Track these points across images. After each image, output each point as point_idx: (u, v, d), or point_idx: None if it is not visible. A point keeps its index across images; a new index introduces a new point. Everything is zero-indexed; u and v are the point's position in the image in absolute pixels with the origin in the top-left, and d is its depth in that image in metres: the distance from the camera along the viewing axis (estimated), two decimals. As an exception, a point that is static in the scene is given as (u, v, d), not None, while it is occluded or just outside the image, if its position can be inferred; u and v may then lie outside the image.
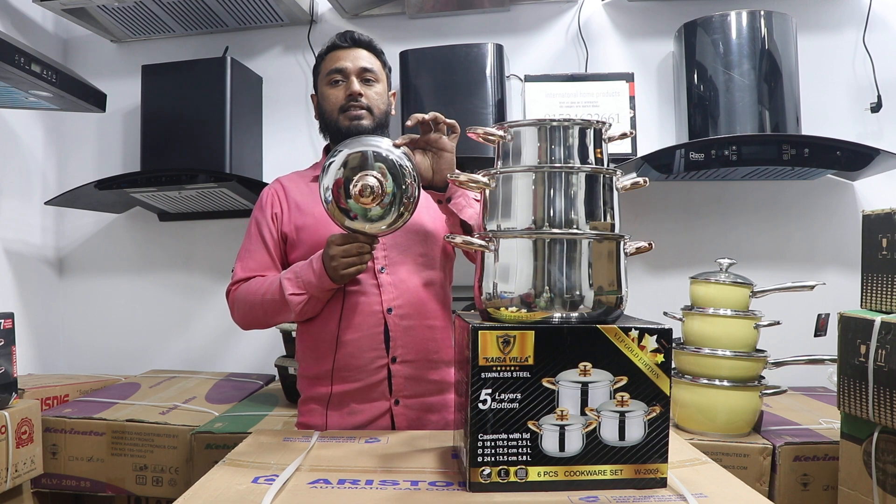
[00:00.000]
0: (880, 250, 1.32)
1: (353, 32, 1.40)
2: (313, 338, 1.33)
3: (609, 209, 0.94)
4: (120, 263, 2.51)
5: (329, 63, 1.39)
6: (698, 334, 1.56)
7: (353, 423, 1.29)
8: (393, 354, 1.28)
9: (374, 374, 1.28)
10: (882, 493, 1.23)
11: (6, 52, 1.55)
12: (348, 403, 1.30)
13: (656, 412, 0.89)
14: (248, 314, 1.32)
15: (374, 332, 1.28)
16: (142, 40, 2.48)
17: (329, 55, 1.40)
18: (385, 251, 1.31)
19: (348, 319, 1.28)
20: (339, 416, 1.30)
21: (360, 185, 1.10)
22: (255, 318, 1.32)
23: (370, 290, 1.29)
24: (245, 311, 1.33)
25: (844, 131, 2.07)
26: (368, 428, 1.28)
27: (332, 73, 1.37)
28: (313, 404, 1.34)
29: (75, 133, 2.51)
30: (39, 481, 1.72)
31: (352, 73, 1.36)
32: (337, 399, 1.30)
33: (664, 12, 2.22)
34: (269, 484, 0.90)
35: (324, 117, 1.40)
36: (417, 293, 1.31)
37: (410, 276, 1.31)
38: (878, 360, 1.21)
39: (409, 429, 1.28)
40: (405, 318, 1.29)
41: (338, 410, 1.30)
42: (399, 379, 1.28)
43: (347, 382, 1.29)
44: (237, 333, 2.44)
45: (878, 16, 2.13)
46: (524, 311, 0.91)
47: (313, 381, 1.34)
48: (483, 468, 0.88)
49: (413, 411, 1.29)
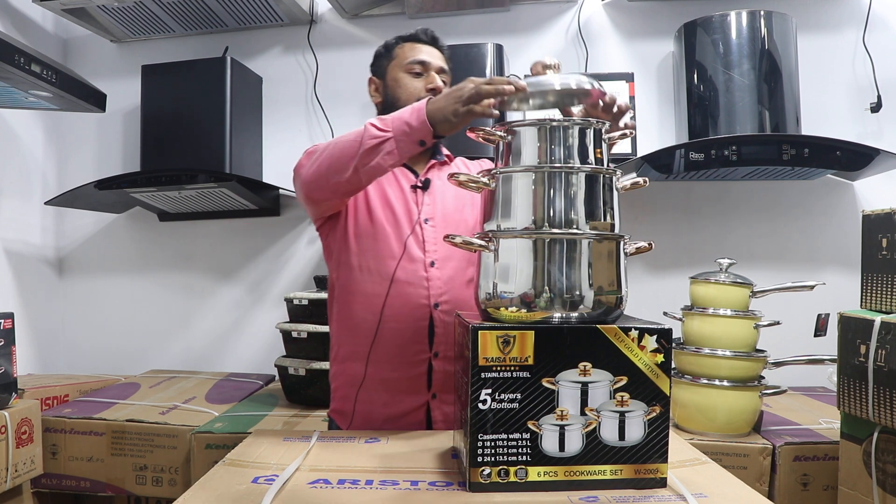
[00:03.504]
0: (880, 250, 1.31)
1: (433, 31, 1.42)
2: (353, 319, 1.31)
3: (609, 209, 0.94)
4: (120, 263, 2.51)
5: (410, 52, 1.39)
6: (698, 334, 1.56)
7: (388, 414, 1.29)
8: (435, 350, 1.27)
9: (415, 367, 1.28)
10: (882, 493, 1.23)
11: (6, 52, 1.55)
12: (383, 392, 1.29)
13: (656, 412, 0.89)
14: (319, 158, 1.22)
15: (418, 325, 1.27)
16: (142, 40, 2.48)
17: (409, 45, 1.40)
18: (436, 245, 1.30)
19: (393, 308, 1.27)
20: (373, 406, 1.30)
21: None
22: (321, 165, 1.21)
23: (419, 283, 1.27)
24: (318, 157, 1.23)
25: (844, 131, 2.07)
26: (402, 420, 1.28)
27: (415, 63, 1.37)
28: (346, 389, 1.34)
29: (75, 133, 2.52)
30: (39, 481, 1.72)
31: (433, 69, 1.38)
32: (370, 384, 1.29)
33: (664, 12, 2.22)
34: (269, 484, 0.90)
35: (396, 103, 1.35)
36: (462, 290, 1.30)
37: (458, 273, 1.31)
38: (878, 360, 1.21)
39: (445, 423, 1.27)
40: (450, 315, 1.28)
41: (370, 397, 1.30)
42: (439, 374, 1.28)
43: (385, 369, 1.28)
44: (237, 333, 2.44)
45: (878, 16, 2.13)
46: (524, 311, 0.91)
47: (346, 361, 1.33)
48: (483, 468, 0.88)
49: (450, 406, 1.29)
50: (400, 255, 1.28)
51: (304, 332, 1.91)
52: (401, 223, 1.30)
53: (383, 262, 1.28)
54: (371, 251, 1.30)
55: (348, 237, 1.33)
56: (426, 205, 1.32)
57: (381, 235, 1.30)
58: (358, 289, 1.30)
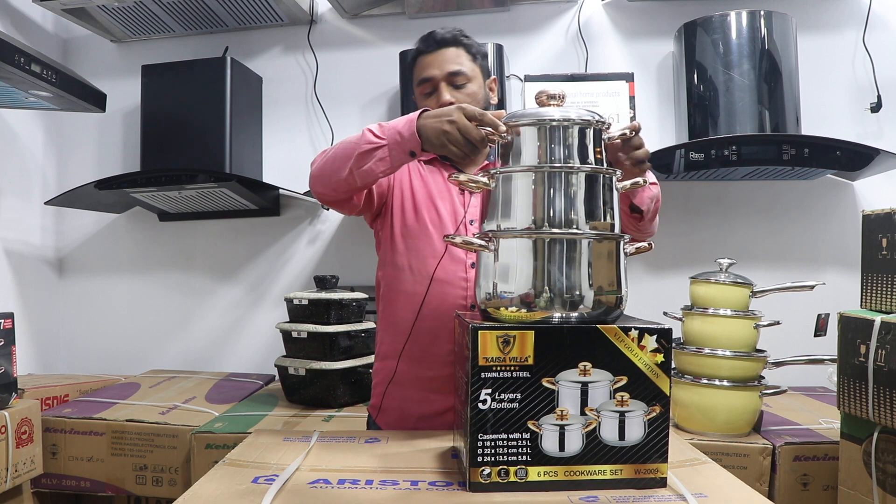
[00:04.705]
0: (880, 250, 1.31)
1: (435, 33, 1.32)
2: (393, 317, 1.32)
3: (609, 209, 0.94)
4: (120, 263, 2.52)
5: (418, 72, 1.34)
6: (698, 334, 1.56)
7: (421, 413, 1.29)
8: None
9: (447, 367, 1.25)
10: (882, 493, 1.23)
11: (6, 52, 1.55)
12: (417, 390, 1.29)
13: (656, 412, 0.89)
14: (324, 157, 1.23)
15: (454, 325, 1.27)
16: (142, 40, 2.48)
17: (417, 63, 1.34)
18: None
19: (431, 307, 1.26)
20: (403, 402, 1.31)
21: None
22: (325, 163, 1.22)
23: (458, 283, 1.27)
24: (324, 155, 1.24)
25: (844, 131, 2.07)
26: (437, 420, 1.27)
27: (422, 83, 1.33)
28: (380, 386, 1.35)
29: (75, 133, 2.52)
30: (39, 481, 1.72)
31: (440, 81, 1.30)
32: (400, 379, 1.30)
33: (664, 12, 2.22)
34: (269, 484, 0.90)
35: None
36: None
37: None
38: (877, 360, 1.21)
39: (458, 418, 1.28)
40: None
41: (400, 394, 1.31)
42: None
43: (417, 368, 1.29)
44: (237, 333, 2.44)
45: (878, 16, 2.13)
46: (524, 311, 0.91)
47: (384, 358, 1.35)
48: (483, 468, 0.88)
49: None
50: (441, 254, 1.27)
51: (304, 332, 1.91)
52: (445, 223, 1.30)
53: (425, 262, 1.28)
54: (414, 250, 1.30)
55: (394, 236, 1.33)
56: (472, 206, 1.32)
57: (424, 235, 1.30)
58: (400, 287, 1.31)
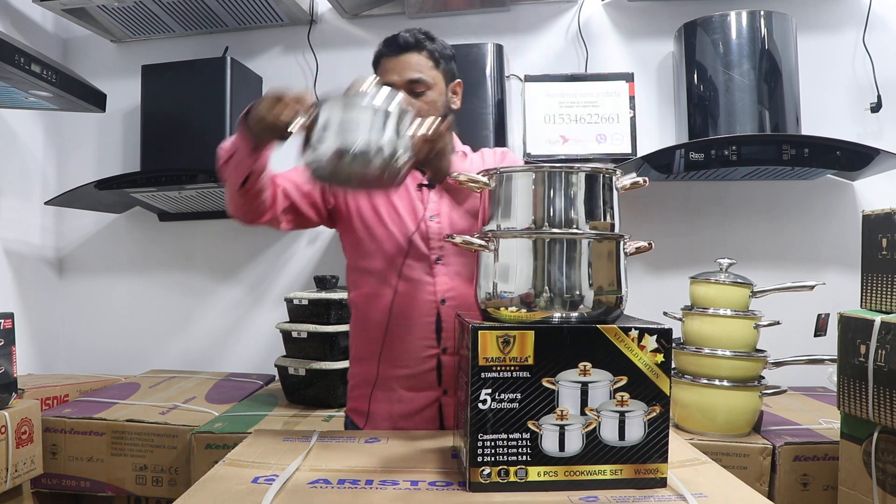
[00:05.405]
0: (880, 250, 1.31)
1: (398, 36, 1.28)
2: (365, 320, 1.33)
3: (609, 209, 0.94)
4: (120, 263, 2.51)
5: (380, 74, 1.30)
6: (698, 334, 1.56)
7: (401, 412, 1.29)
8: (444, 345, 1.28)
9: (424, 363, 1.28)
10: (882, 493, 1.23)
11: (6, 52, 1.55)
12: (396, 390, 1.30)
13: (656, 412, 0.89)
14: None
15: (426, 321, 1.28)
16: (142, 40, 2.48)
17: (380, 65, 1.31)
18: (441, 241, 1.29)
19: (401, 306, 1.28)
20: (387, 404, 1.31)
21: None
22: (226, 194, 1.26)
23: (425, 279, 1.28)
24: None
25: (844, 131, 2.07)
26: (416, 417, 1.29)
27: None
28: (361, 389, 1.35)
29: (75, 133, 2.51)
30: (39, 481, 1.72)
31: (399, 88, 1.23)
32: (383, 383, 1.31)
33: (664, 12, 2.22)
34: (269, 484, 0.90)
35: None
36: (469, 286, 1.29)
37: (463, 268, 1.30)
38: (877, 360, 1.21)
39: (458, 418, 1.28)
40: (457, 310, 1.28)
41: (385, 396, 1.31)
42: (449, 369, 1.28)
43: (396, 367, 1.29)
44: (237, 333, 2.44)
45: (878, 16, 2.13)
46: (524, 311, 0.91)
47: (361, 362, 1.36)
48: (483, 468, 0.88)
49: None
50: (405, 253, 1.28)
51: (304, 333, 1.91)
52: (405, 221, 1.30)
53: (390, 262, 1.29)
54: (378, 252, 1.30)
55: (354, 240, 1.34)
56: (432, 202, 1.32)
57: (385, 235, 1.30)
58: (367, 290, 1.32)
